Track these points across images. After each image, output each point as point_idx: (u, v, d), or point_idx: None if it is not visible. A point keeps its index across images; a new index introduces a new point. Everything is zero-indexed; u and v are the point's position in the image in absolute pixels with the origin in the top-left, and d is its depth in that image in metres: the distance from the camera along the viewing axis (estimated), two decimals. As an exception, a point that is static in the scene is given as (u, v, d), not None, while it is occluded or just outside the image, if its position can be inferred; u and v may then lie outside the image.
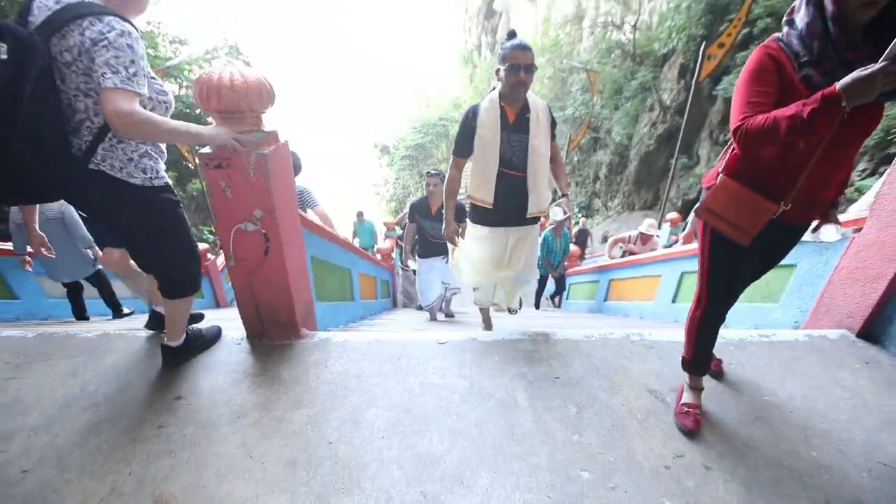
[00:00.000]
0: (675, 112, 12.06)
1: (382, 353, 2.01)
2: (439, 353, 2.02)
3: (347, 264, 4.45)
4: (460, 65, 35.43)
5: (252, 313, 2.02)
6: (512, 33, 2.11)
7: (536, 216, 2.32)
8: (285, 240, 1.89)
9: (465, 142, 2.21)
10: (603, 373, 1.89)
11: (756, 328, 2.40)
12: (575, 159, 17.50)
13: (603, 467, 1.43)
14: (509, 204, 2.25)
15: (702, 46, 7.65)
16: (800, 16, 1.24)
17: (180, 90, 13.07)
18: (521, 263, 2.42)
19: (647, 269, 4.98)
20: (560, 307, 7.58)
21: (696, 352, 1.65)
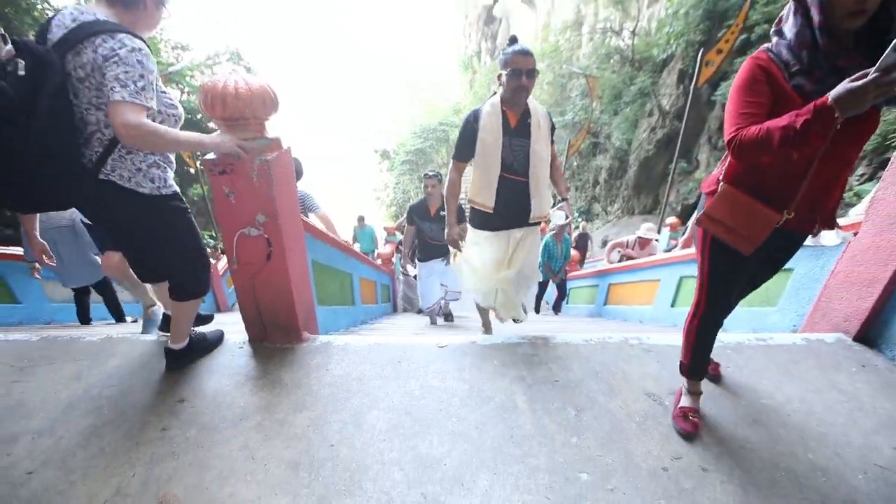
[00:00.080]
0: (674, 117, 12.12)
1: (383, 356, 2.02)
2: (439, 357, 2.04)
3: (348, 269, 4.47)
4: (460, 70, 35.61)
5: (254, 317, 2.04)
6: (513, 39, 2.14)
7: (538, 220, 2.33)
8: (287, 244, 1.92)
9: (467, 146, 2.22)
10: (602, 376, 1.91)
11: (754, 332, 2.42)
12: (575, 164, 17.56)
13: (601, 469, 1.45)
14: (511, 208, 2.26)
15: (700, 52, 7.70)
16: (788, 26, 1.24)
17: (182, 95, 13.16)
18: (522, 263, 2.41)
19: (646, 273, 5.00)
20: (560, 311, 7.58)
21: (695, 357, 1.65)
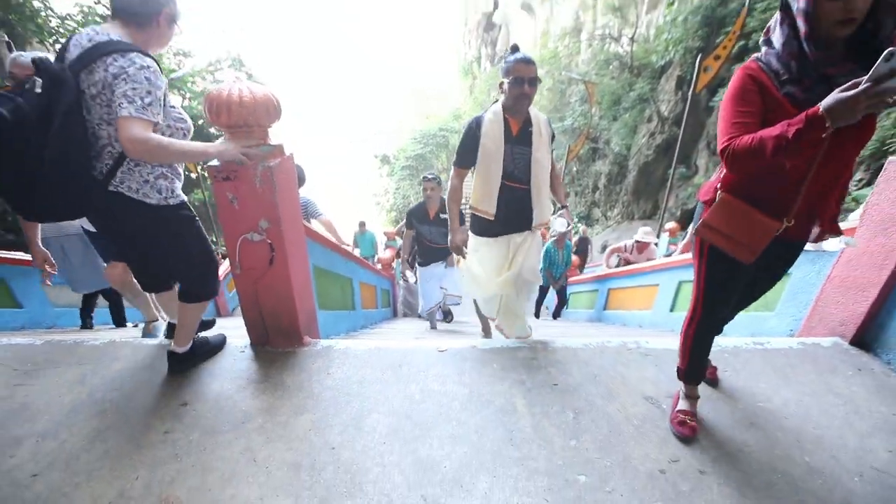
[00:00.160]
0: (673, 123, 12.18)
1: (384, 360, 2.04)
2: (440, 361, 2.05)
3: (349, 273, 4.49)
4: (460, 76, 35.81)
5: (256, 321, 2.06)
6: (515, 47, 2.16)
7: (539, 227, 2.34)
8: (290, 249, 1.94)
9: (469, 153, 2.23)
10: (600, 380, 1.93)
11: (752, 336, 2.43)
12: (574, 169, 17.61)
13: (600, 471, 1.47)
14: (512, 216, 2.27)
15: (698, 58, 7.77)
16: (775, 36, 1.25)
17: (184, 101, 13.25)
18: (521, 265, 2.40)
19: (644, 278, 5.02)
20: (559, 317, 7.59)
21: (692, 362, 1.66)
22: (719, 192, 1.42)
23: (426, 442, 1.58)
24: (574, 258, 7.39)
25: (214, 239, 11.84)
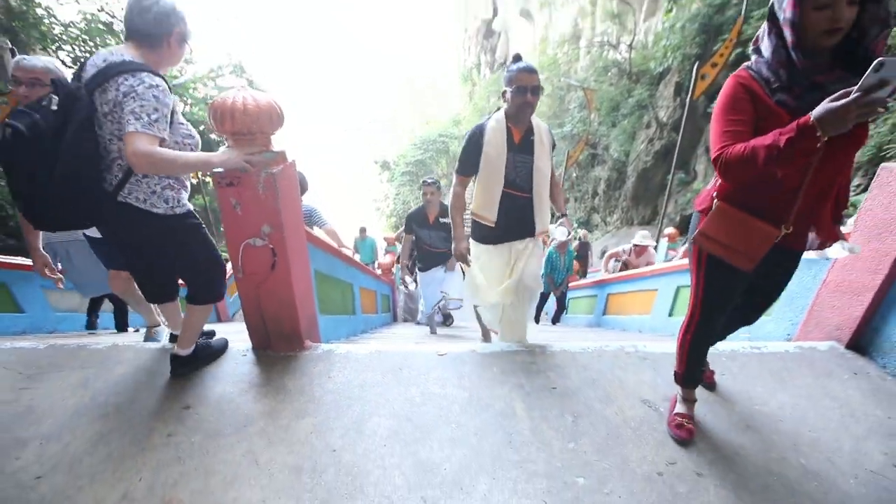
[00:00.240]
0: (672, 129, 12.27)
1: (384, 364, 2.06)
2: (440, 365, 2.07)
3: (349, 279, 4.51)
4: (460, 82, 36.04)
5: (258, 325, 2.08)
6: (517, 57, 2.18)
7: (540, 234, 2.35)
8: (291, 254, 1.97)
9: (471, 161, 2.23)
10: (598, 383, 1.95)
11: (749, 340, 2.45)
12: (574, 175, 17.69)
13: (598, 474, 1.48)
14: (513, 223, 2.28)
15: (695, 66, 7.84)
16: (764, 45, 1.26)
17: (185, 107, 13.33)
18: (522, 272, 2.39)
19: (643, 283, 5.05)
20: (558, 323, 7.60)
21: (689, 367, 1.67)
22: (715, 200, 1.42)
23: (426, 444, 1.60)
24: (574, 264, 7.41)
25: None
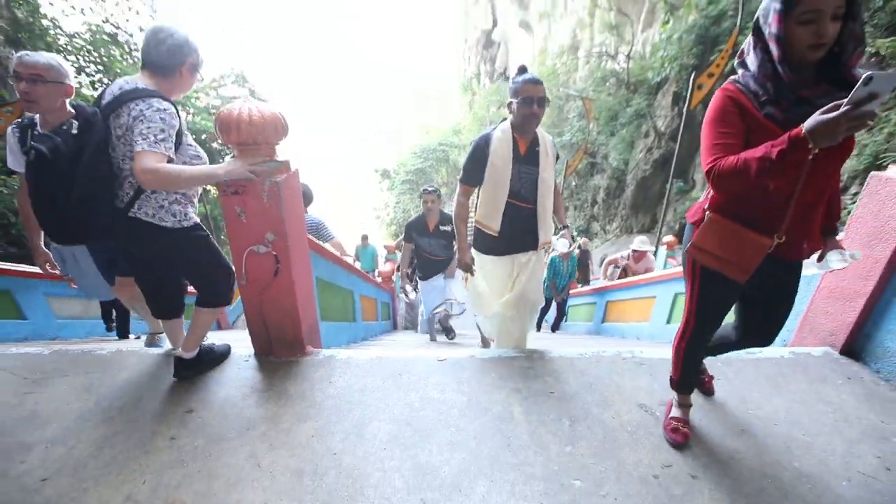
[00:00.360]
0: (670, 138, 12.37)
1: (385, 369, 2.09)
2: (439, 370, 2.10)
3: (350, 286, 4.55)
4: (460, 92, 36.35)
5: (261, 331, 2.11)
6: (523, 68, 2.20)
7: (543, 246, 2.36)
8: (294, 262, 2.00)
9: (477, 170, 2.24)
10: (596, 388, 1.97)
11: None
12: (573, 184, 17.79)
13: (594, 476, 1.51)
14: (517, 234, 2.28)
15: (692, 76, 7.94)
16: (750, 59, 1.28)
17: (188, 116, 13.43)
18: (525, 286, 2.40)
19: (641, 290, 5.08)
20: (558, 330, 7.63)
21: (684, 373, 1.69)
22: (707, 212, 1.43)
23: (426, 448, 1.62)
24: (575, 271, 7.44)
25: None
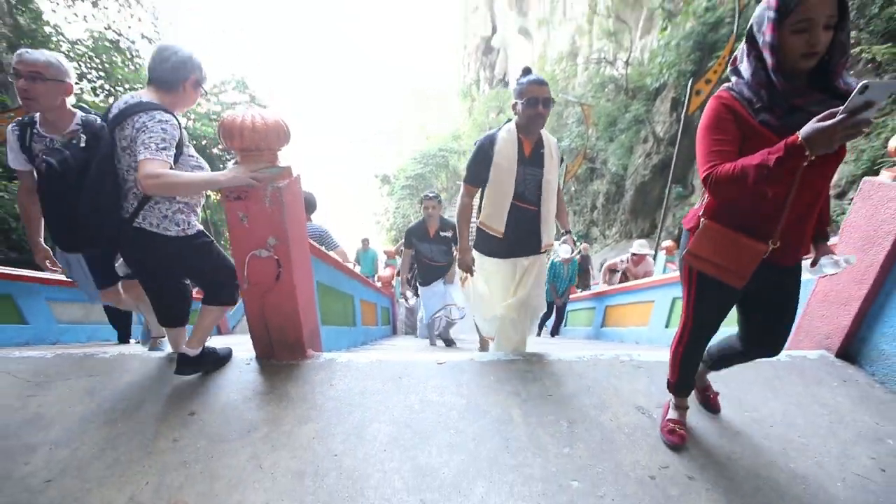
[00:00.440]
0: (669, 143, 12.41)
1: (385, 372, 2.11)
2: (438, 373, 2.12)
3: (350, 291, 4.57)
4: (459, 98, 36.49)
5: (262, 334, 2.13)
6: (527, 69, 2.22)
7: (545, 249, 2.37)
8: (295, 266, 2.03)
9: (481, 171, 2.24)
10: (594, 391, 1.99)
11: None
12: (573, 189, 17.84)
13: (592, 477, 1.52)
14: (520, 236, 2.29)
15: (690, 82, 8.01)
16: (743, 67, 1.29)
17: (189, 122, 13.51)
18: (528, 291, 2.42)
19: (640, 294, 5.10)
20: (557, 335, 7.63)
21: (681, 376, 1.71)
22: (702, 219, 1.44)
23: (425, 450, 1.64)
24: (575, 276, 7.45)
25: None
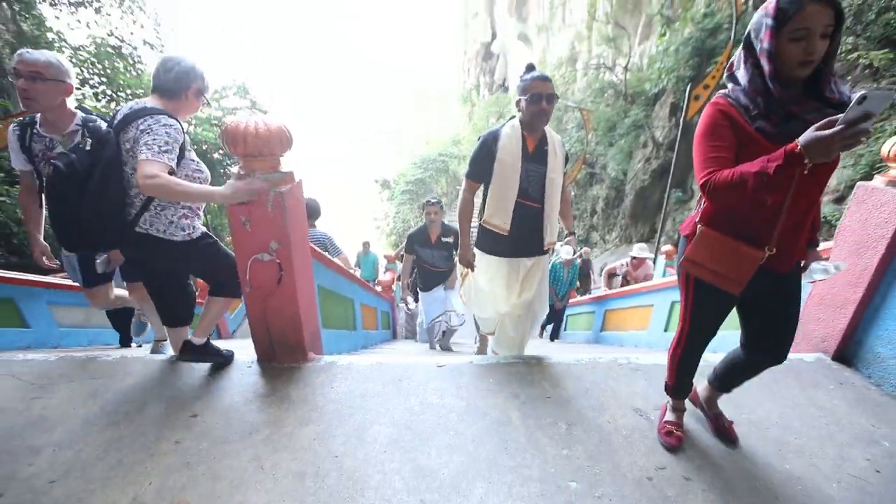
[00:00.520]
0: (668, 148, 12.47)
1: (385, 375, 2.13)
2: (438, 376, 2.14)
3: (351, 295, 4.59)
4: (459, 103, 36.67)
5: (264, 337, 2.15)
6: (531, 66, 2.22)
7: (548, 247, 2.37)
8: (297, 269, 2.05)
9: (483, 167, 2.23)
10: (592, 393, 2.01)
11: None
12: (572, 194, 17.87)
13: (590, 478, 1.54)
14: (524, 233, 2.28)
15: (688, 87, 8.06)
16: (740, 73, 1.30)
17: (189, 127, 13.59)
18: (533, 293, 2.42)
19: (639, 298, 5.12)
20: (557, 339, 7.64)
21: (678, 379, 1.73)
22: (699, 226, 1.45)
23: (425, 451, 1.66)
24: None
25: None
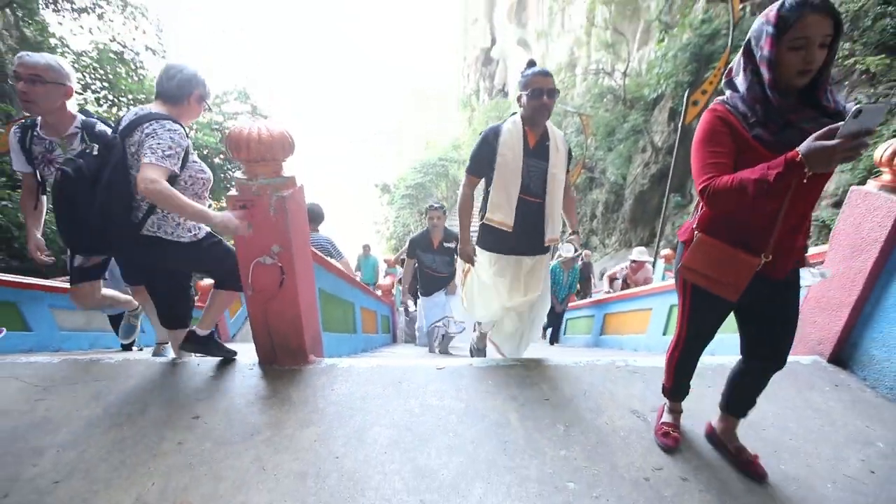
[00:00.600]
0: (667, 153, 12.50)
1: (385, 377, 2.15)
2: (438, 378, 2.16)
3: (351, 298, 4.61)
4: (459, 107, 36.83)
5: (265, 340, 2.18)
6: (532, 62, 2.24)
7: (549, 243, 2.37)
8: (298, 273, 2.08)
9: (484, 162, 2.23)
10: (590, 395, 2.03)
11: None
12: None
13: (588, 479, 1.56)
14: (525, 229, 2.28)
15: (686, 92, 8.13)
16: (739, 80, 1.30)
17: (191, 132, 13.65)
18: (537, 294, 2.41)
19: (638, 302, 5.14)
20: (557, 342, 7.65)
21: (675, 381, 1.75)
22: (696, 232, 1.45)
23: (425, 452, 1.68)
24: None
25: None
